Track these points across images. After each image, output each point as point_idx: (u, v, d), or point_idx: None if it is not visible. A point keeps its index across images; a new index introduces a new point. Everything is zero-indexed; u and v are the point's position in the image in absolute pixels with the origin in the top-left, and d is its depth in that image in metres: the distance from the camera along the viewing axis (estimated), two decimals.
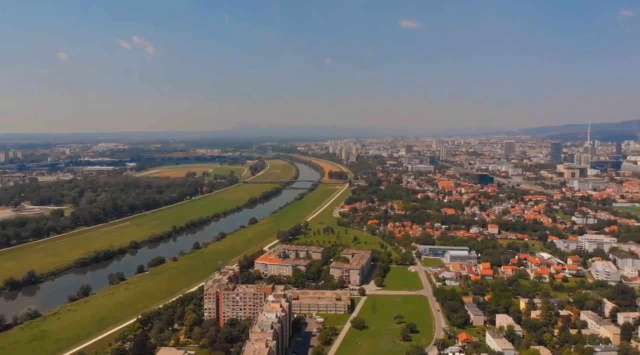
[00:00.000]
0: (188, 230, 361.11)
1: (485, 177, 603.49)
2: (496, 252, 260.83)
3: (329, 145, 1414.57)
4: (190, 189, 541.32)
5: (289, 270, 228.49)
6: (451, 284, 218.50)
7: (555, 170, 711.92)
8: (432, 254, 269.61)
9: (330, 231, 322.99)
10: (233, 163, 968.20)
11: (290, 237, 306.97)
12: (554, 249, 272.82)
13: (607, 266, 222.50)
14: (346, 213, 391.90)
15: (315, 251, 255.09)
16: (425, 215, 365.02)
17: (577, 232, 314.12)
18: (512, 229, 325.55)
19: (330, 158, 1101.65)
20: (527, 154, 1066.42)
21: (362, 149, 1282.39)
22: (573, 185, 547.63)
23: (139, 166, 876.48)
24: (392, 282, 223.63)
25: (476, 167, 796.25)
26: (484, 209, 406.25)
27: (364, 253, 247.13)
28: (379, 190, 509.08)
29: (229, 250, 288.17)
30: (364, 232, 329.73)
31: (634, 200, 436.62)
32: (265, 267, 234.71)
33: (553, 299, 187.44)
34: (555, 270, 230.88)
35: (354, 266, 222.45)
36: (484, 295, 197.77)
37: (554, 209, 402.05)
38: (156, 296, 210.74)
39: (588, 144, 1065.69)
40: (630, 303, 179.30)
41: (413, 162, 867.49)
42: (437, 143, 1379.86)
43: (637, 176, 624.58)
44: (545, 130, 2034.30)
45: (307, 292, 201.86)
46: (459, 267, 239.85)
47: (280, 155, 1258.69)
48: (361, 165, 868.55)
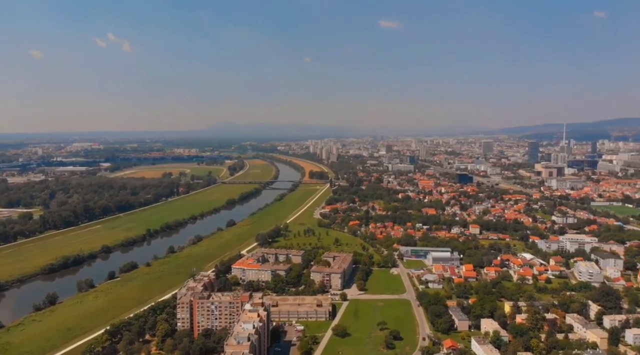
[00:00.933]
0: (163, 233, 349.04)
1: (464, 177, 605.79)
2: (478, 253, 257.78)
3: (309, 144, 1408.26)
4: (166, 190, 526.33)
5: (268, 275, 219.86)
6: (434, 287, 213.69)
7: (533, 169, 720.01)
8: (414, 255, 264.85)
9: (311, 233, 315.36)
10: (211, 163, 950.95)
11: (270, 239, 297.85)
12: (536, 250, 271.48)
13: (590, 267, 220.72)
14: (327, 214, 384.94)
15: (296, 254, 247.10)
16: (407, 215, 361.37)
17: (558, 231, 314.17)
18: (493, 229, 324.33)
19: (311, 158, 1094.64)
20: (505, 153, 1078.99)
21: (342, 148, 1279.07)
22: (551, 184, 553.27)
23: (114, 166, 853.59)
24: (374, 285, 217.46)
25: (455, 167, 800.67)
26: (465, 208, 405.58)
27: (345, 256, 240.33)
28: (360, 191, 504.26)
29: (205, 255, 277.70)
30: (345, 233, 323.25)
31: (612, 199, 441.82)
32: (243, 273, 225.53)
33: (538, 301, 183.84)
34: (538, 271, 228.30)
35: (335, 270, 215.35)
36: (468, 298, 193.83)
37: (534, 209, 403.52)
38: (127, 304, 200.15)
39: (564, 143, 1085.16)
40: (616, 305, 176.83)
41: (393, 161, 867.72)
42: (416, 143, 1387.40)
43: (612, 175, 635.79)
44: (522, 130, 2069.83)
45: (286, 299, 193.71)
46: (442, 268, 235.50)
47: (260, 155, 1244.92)
48: (342, 165, 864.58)
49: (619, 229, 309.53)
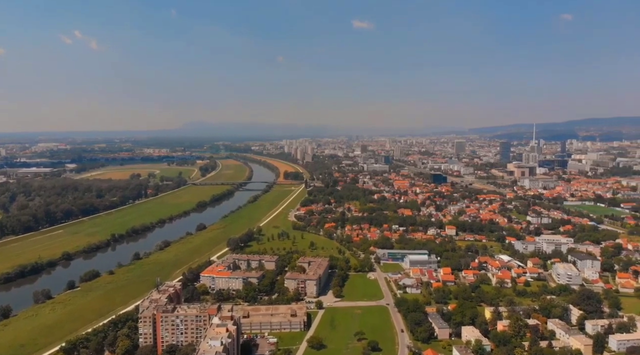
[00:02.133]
0: (129, 238, 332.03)
1: (439, 177, 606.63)
2: (456, 255, 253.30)
3: (284, 144, 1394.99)
4: (134, 192, 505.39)
5: (239, 283, 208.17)
6: (412, 292, 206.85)
7: (505, 169, 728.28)
8: (392, 258, 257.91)
9: (285, 236, 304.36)
10: (182, 163, 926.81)
11: (242, 244, 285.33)
12: (513, 251, 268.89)
13: (568, 269, 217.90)
14: (302, 216, 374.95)
15: (269, 260, 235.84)
16: (383, 217, 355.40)
17: (534, 232, 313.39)
18: (469, 230, 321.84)
19: (286, 158, 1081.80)
20: (477, 153, 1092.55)
21: (317, 148, 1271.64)
22: (524, 184, 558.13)
23: (80, 167, 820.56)
24: (351, 291, 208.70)
25: (429, 167, 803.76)
26: (440, 209, 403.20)
27: (321, 261, 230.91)
28: (336, 191, 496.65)
29: (172, 261, 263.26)
30: (321, 236, 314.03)
31: (584, 199, 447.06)
32: (212, 281, 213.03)
33: (518, 306, 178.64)
34: (516, 274, 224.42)
35: (310, 276, 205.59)
36: (447, 304, 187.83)
37: (508, 209, 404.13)
38: (86, 317, 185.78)
39: (534, 143, 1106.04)
40: (597, 309, 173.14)
41: (368, 161, 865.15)
42: (390, 143, 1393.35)
43: (583, 174, 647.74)
44: (492, 130, 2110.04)
45: (259, 309, 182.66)
46: (420, 272, 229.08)
47: (233, 155, 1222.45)
48: (317, 165, 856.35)
49: (593, 229, 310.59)
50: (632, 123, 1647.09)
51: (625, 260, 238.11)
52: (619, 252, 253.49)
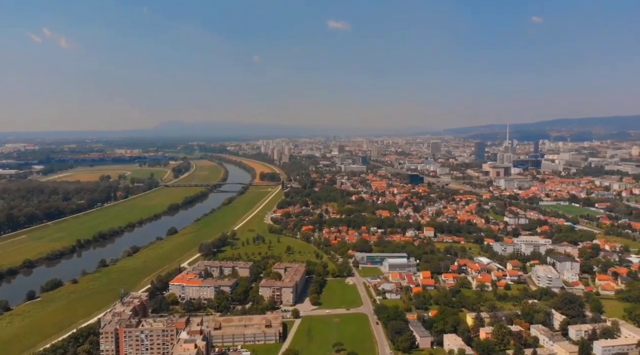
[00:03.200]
0: (96, 244, 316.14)
1: (415, 177, 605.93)
2: (435, 257, 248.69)
3: (260, 145, 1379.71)
4: (103, 195, 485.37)
5: (211, 292, 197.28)
6: (392, 298, 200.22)
7: (480, 169, 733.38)
8: (370, 262, 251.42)
9: (261, 240, 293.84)
10: (154, 164, 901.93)
11: (215, 249, 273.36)
12: (492, 253, 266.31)
13: (548, 271, 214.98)
14: (279, 219, 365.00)
15: (243, 267, 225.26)
16: (361, 218, 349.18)
17: (512, 233, 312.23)
18: (447, 232, 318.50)
19: (262, 158, 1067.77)
20: (452, 153, 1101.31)
21: (294, 148, 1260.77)
22: (499, 184, 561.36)
23: (48, 169, 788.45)
24: (329, 298, 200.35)
25: (406, 167, 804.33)
26: (418, 210, 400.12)
27: (298, 266, 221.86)
28: (313, 193, 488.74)
29: (141, 268, 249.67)
30: (298, 239, 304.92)
31: (558, 199, 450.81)
32: (182, 290, 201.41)
33: (501, 312, 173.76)
34: (496, 277, 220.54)
35: (286, 283, 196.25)
36: (428, 310, 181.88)
37: (485, 209, 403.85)
38: (45, 331, 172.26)
39: (507, 143, 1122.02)
40: (579, 313, 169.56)
41: (346, 162, 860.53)
42: (367, 143, 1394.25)
43: (556, 174, 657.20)
44: (466, 131, 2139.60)
45: (231, 320, 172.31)
46: (399, 276, 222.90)
47: (208, 155, 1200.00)
48: (294, 165, 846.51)
49: (570, 229, 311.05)
50: (601, 123, 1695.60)
51: (603, 261, 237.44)
52: (597, 253, 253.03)
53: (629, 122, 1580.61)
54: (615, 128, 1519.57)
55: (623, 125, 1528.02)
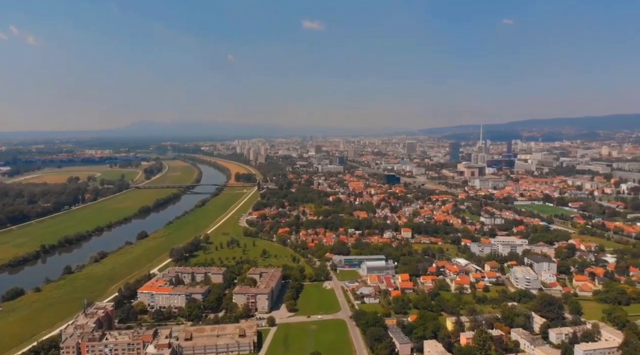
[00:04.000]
0: (62, 249, 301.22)
1: (392, 177, 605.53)
2: (413, 259, 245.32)
3: (236, 145, 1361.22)
4: (70, 197, 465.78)
5: (182, 300, 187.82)
6: (370, 302, 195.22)
7: (455, 169, 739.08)
8: (348, 265, 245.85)
9: (235, 244, 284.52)
10: (125, 165, 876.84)
11: (187, 254, 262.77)
12: (469, 254, 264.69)
13: (526, 272, 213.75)
14: (254, 221, 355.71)
15: (216, 273, 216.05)
16: (339, 220, 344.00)
17: (488, 233, 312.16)
18: (424, 232, 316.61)
19: (238, 159, 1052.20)
20: (428, 153, 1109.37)
21: (271, 149, 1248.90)
22: (475, 184, 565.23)
23: (13, 170, 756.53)
24: (306, 304, 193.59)
25: (382, 167, 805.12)
26: (395, 210, 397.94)
27: (273, 271, 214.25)
28: (290, 194, 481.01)
29: (108, 275, 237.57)
30: (274, 242, 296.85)
31: (533, 198, 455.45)
32: (151, 298, 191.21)
33: (480, 315, 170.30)
34: (475, 279, 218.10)
35: (262, 290, 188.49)
36: (407, 315, 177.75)
37: (461, 209, 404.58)
38: (5, 344, 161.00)
39: (481, 143, 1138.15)
40: (558, 315, 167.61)
41: (323, 162, 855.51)
42: (344, 143, 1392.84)
43: (529, 174, 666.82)
44: (441, 131, 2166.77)
45: (203, 329, 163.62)
46: (377, 279, 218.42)
47: (182, 156, 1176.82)
48: (270, 166, 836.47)
49: (545, 229, 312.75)
50: (570, 124, 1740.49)
51: (580, 261, 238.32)
52: (573, 253, 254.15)
53: (597, 123, 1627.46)
54: (585, 128, 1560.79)
55: (592, 126, 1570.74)
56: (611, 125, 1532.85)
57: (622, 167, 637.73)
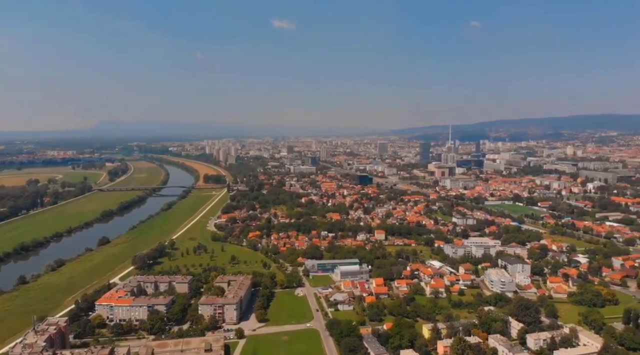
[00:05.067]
0: (17, 257, 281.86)
1: (364, 178, 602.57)
2: (387, 263, 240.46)
3: (205, 145, 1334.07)
4: (28, 201, 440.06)
5: (144, 312, 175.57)
6: (344, 309, 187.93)
7: (426, 169, 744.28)
8: (321, 270, 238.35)
9: (202, 250, 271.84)
10: (89, 167, 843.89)
11: (150, 261, 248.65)
12: (443, 256, 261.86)
13: (501, 275, 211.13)
14: (223, 225, 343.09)
15: (181, 282, 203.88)
16: (311, 222, 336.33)
17: (461, 234, 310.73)
18: (398, 234, 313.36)
19: (207, 160, 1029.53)
20: (399, 153, 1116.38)
21: (242, 149, 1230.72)
22: (445, 184, 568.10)
23: None
24: (277, 313, 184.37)
25: (355, 168, 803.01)
26: (368, 211, 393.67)
27: (243, 279, 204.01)
28: (261, 195, 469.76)
29: (65, 285, 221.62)
30: (244, 247, 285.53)
31: (503, 198, 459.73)
32: (110, 310, 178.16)
33: (457, 322, 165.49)
34: (449, 282, 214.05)
35: (229, 300, 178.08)
36: (382, 322, 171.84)
37: (433, 210, 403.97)
38: None
39: (450, 143, 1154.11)
40: (535, 319, 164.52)
41: (295, 163, 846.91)
42: (316, 143, 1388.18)
43: (498, 174, 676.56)
44: (411, 131, 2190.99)
45: (166, 344, 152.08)
46: (351, 285, 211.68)
47: (148, 156, 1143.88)
48: (241, 167, 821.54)
49: (517, 229, 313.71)
50: (536, 124, 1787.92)
51: (552, 262, 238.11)
52: (546, 254, 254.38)
53: (561, 123, 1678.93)
54: (549, 128, 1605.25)
55: (556, 126, 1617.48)
56: (574, 125, 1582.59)
57: (588, 167, 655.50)
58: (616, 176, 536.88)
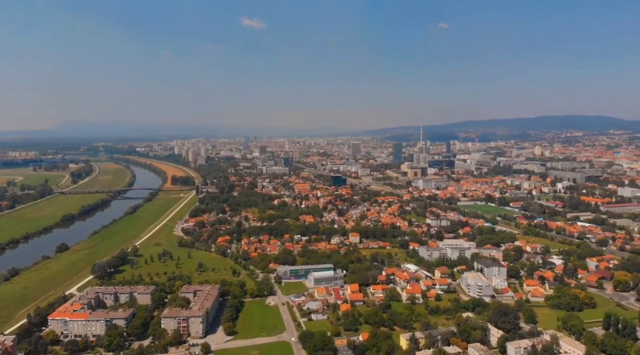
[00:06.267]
0: None
1: (338, 179, 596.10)
2: (362, 267, 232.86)
3: (174, 145, 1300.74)
4: None
5: (101, 326, 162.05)
6: (318, 319, 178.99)
7: (399, 170, 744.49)
8: (294, 276, 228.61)
9: (168, 256, 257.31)
10: (51, 168, 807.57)
11: (111, 270, 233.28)
12: (418, 258, 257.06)
13: (478, 279, 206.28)
14: (190, 229, 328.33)
15: (143, 292, 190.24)
16: (284, 225, 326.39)
17: (435, 236, 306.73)
18: (372, 236, 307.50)
19: (176, 160, 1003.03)
20: (372, 154, 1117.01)
21: (212, 149, 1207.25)
22: (418, 184, 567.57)
23: None
24: (246, 325, 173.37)
25: (328, 168, 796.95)
26: (342, 213, 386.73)
27: (210, 289, 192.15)
28: (232, 198, 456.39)
29: (18, 297, 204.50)
30: (213, 253, 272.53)
31: (475, 199, 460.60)
32: (65, 325, 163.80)
33: (436, 330, 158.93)
34: (426, 287, 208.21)
35: (195, 312, 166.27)
36: (358, 331, 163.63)
37: (407, 211, 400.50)
38: None
39: (422, 144, 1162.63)
40: (515, 326, 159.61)
41: (267, 163, 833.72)
42: (290, 143, 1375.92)
43: (469, 174, 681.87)
44: (383, 132, 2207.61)
45: None
46: (325, 292, 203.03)
47: (114, 157, 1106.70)
48: (211, 168, 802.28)
49: (490, 230, 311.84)
50: (504, 125, 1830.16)
51: (528, 264, 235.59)
52: (521, 255, 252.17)
53: (528, 124, 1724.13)
54: (517, 129, 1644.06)
55: (524, 127, 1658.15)
56: (541, 126, 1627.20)
57: (556, 167, 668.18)
58: (584, 176, 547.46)
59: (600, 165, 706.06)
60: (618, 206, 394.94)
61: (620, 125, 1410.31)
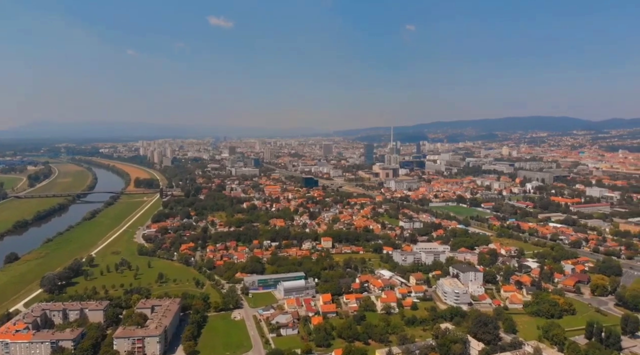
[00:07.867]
0: None
1: (310, 180, 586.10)
2: (335, 274, 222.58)
3: (140, 146, 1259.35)
4: None
5: (46, 349, 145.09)
6: (288, 334, 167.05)
7: (371, 170, 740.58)
8: (262, 286, 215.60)
9: (126, 266, 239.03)
10: (8, 171, 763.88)
11: (62, 282, 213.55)
12: (392, 263, 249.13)
13: (455, 285, 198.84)
14: (152, 236, 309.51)
15: (95, 308, 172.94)
16: (253, 231, 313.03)
17: (409, 239, 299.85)
18: (345, 241, 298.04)
19: (141, 162, 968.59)
20: (343, 154, 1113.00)
21: (179, 150, 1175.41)
22: (390, 185, 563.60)
23: None
24: (209, 343, 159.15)
25: (300, 169, 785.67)
26: (314, 216, 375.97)
27: (170, 303, 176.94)
28: (198, 201, 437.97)
29: None
30: (175, 262, 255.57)
31: (446, 199, 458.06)
32: (5, 348, 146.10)
33: (413, 344, 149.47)
34: (401, 295, 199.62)
35: (151, 331, 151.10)
36: (331, 347, 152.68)
37: (379, 213, 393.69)
38: None
39: (392, 144, 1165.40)
40: (495, 336, 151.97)
41: (237, 164, 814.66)
42: (260, 144, 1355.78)
43: (440, 174, 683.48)
44: (354, 132, 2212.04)
45: None
46: (296, 303, 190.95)
47: (76, 159, 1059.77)
48: (178, 169, 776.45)
49: (464, 233, 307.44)
50: (472, 125, 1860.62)
51: (504, 268, 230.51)
52: (496, 259, 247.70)
53: (495, 125, 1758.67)
54: (484, 130, 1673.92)
55: (490, 127, 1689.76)
56: (506, 127, 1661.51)
57: (524, 167, 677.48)
58: (552, 176, 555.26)
59: (567, 165, 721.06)
60: (588, 206, 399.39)
61: (585, 126, 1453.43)
